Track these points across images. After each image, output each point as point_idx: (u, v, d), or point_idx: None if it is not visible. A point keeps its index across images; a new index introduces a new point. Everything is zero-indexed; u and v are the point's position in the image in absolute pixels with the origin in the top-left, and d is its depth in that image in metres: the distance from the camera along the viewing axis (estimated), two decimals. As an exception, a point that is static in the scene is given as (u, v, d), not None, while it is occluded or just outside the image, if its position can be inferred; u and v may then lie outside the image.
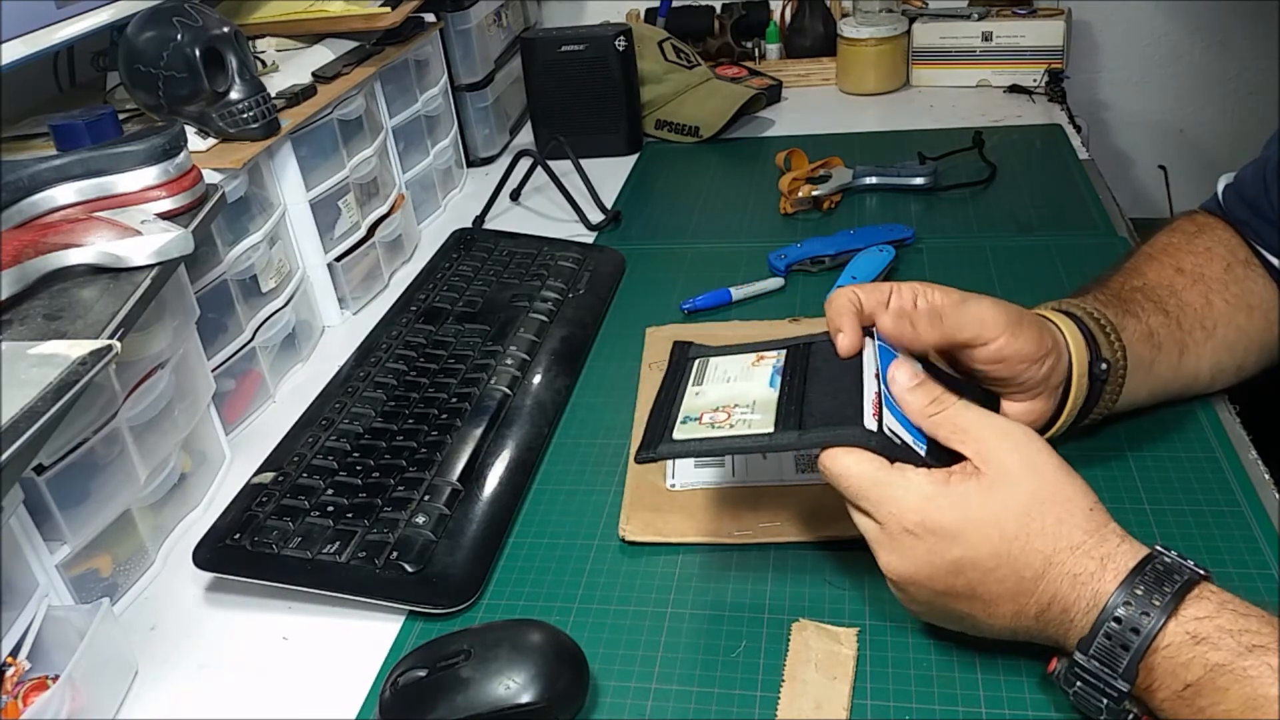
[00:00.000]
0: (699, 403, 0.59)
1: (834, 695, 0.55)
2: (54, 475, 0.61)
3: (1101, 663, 0.48)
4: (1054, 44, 1.43)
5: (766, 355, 0.62)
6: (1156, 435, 0.71)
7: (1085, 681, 0.48)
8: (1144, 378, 0.66)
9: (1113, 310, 0.65)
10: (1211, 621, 0.46)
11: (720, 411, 0.58)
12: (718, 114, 1.35)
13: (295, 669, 0.63)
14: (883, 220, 1.06)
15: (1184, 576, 0.48)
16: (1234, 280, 0.70)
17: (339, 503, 0.71)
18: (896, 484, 0.52)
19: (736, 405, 0.58)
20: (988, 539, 0.50)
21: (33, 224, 0.71)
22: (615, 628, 0.62)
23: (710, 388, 0.61)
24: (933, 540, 0.51)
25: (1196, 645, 0.46)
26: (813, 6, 1.55)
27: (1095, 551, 0.49)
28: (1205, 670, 0.45)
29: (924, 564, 0.51)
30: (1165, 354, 0.67)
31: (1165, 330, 0.67)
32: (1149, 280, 0.70)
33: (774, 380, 0.59)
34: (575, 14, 1.71)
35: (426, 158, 1.21)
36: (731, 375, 0.61)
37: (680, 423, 0.58)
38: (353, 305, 1.04)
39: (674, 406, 0.60)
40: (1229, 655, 0.45)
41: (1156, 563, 0.48)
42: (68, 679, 0.56)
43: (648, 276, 1.03)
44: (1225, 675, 0.45)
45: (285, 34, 1.09)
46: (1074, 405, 0.63)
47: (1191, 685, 0.46)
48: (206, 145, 0.88)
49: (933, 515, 0.51)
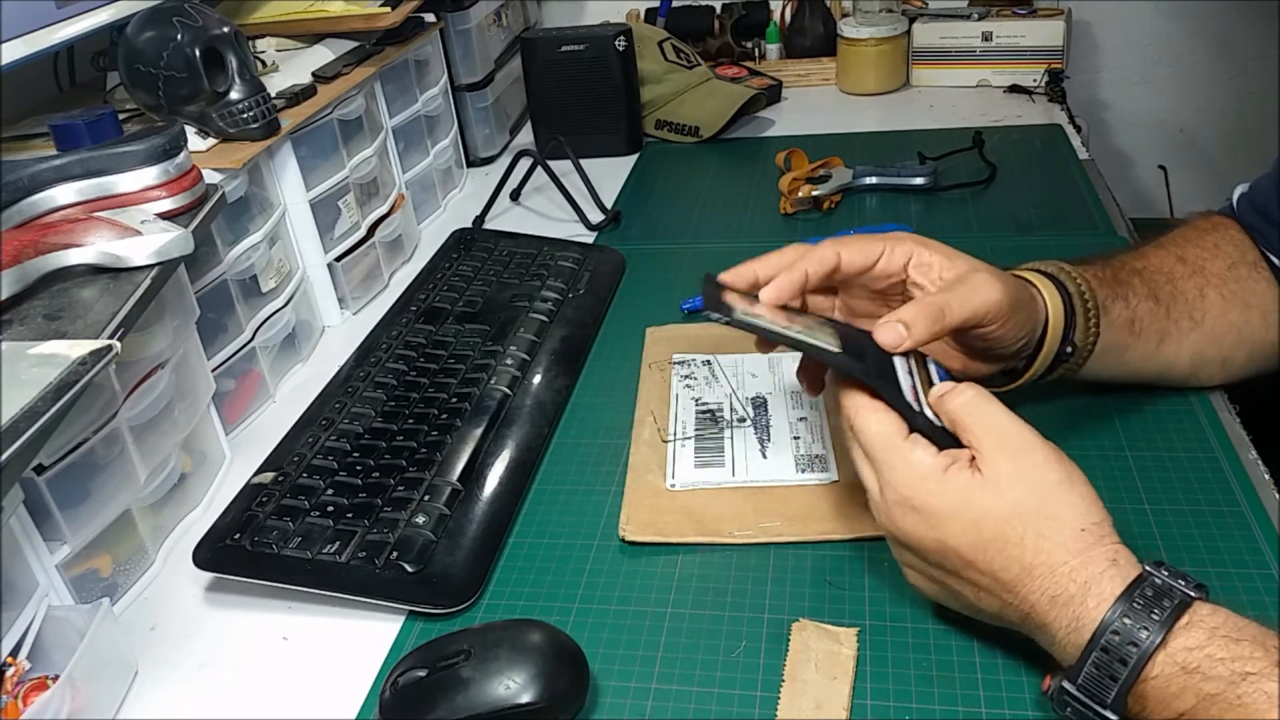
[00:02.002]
0: (756, 315, 0.58)
1: (834, 695, 0.55)
2: (54, 475, 0.61)
3: (1089, 695, 0.47)
4: (1054, 44, 1.43)
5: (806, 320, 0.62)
6: (1156, 435, 0.71)
7: (1074, 710, 0.48)
8: (1113, 360, 0.67)
9: (1105, 290, 0.66)
10: (1202, 651, 0.45)
11: (779, 315, 0.58)
12: (718, 114, 1.35)
13: (295, 669, 0.63)
14: (883, 220, 1.06)
15: (1175, 600, 0.46)
16: (1235, 278, 0.70)
17: (339, 503, 0.71)
18: (903, 455, 0.53)
19: (792, 325, 0.57)
20: (965, 535, 0.51)
21: (33, 224, 0.71)
22: (615, 628, 0.62)
23: (765, 313, 0.59)
24: (917, 518, 0.52)
25: (1188, 675, 0.45)
26: (813, 6, 1.55)
27: (1078, 575, 0.48)
28: (1198, 699, 0.45)
29: (912, 535, 0.53)
30: (1143, 341, 0.68)
31: (1150, 318, 0.67)
32: (1149, 264, 0.70)
33: (826, 323, 0.60)
34: (575, 14, 1.71)
35: (426, 158, 1.21)
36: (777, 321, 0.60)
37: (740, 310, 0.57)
38: (353, 305, 1.04)
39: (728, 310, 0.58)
40: (1222, 685, 0.44)
41: (1146, 585, 0.47)
42: (68, 679, 0.56)
43: (648, 276, 1.03)
44: (1218, 704, 0.44)
45: (285, 34, 1.09)
46: (1030, 377, 0.66)
47: (1185, 715, 0.45)
48: (206, 145, 0.88)
49: (922, 496, 0.52)
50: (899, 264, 0.61)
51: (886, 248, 0.61)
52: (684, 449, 0.75)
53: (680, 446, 0.75)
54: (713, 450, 0.74)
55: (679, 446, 0.75)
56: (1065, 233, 1.01)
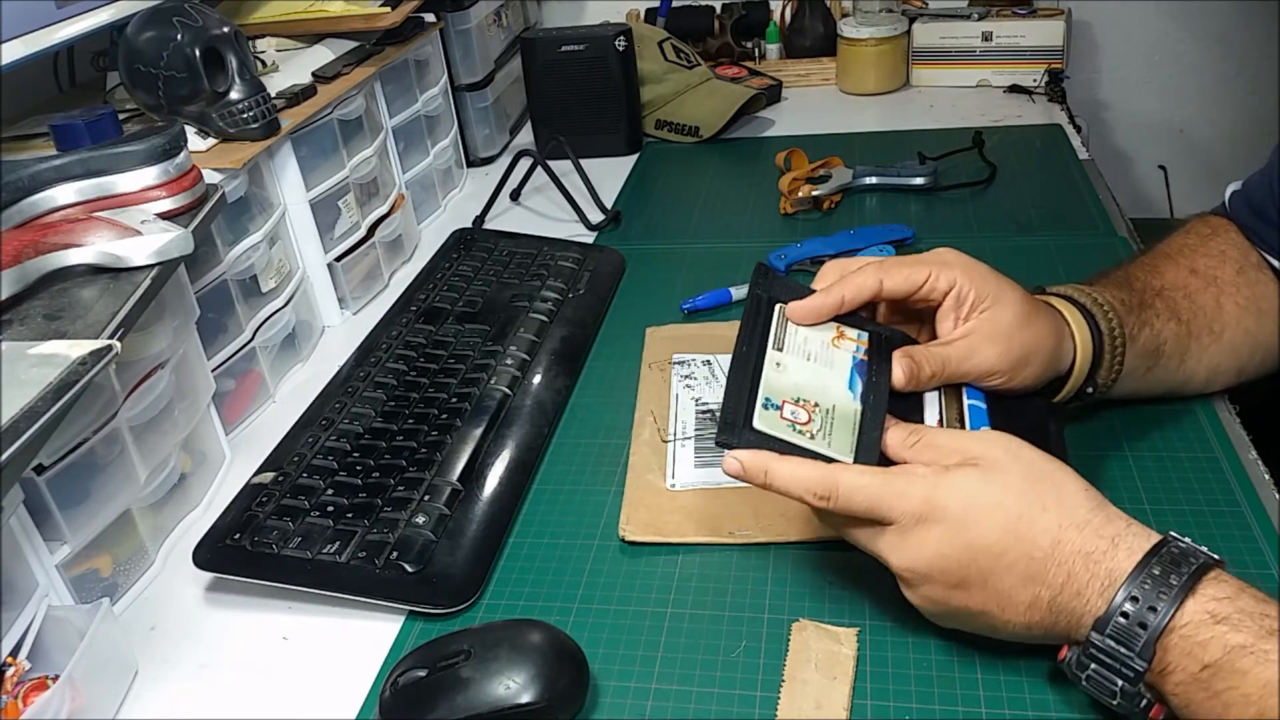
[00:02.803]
0: (780, 382, 0.58)
1: (834, 695, 0.55)
2: (54, 475, 0.61)
3: (1118, 641, 0.47)
4: (1054, 44, 1.43)
5: (847, 333, 0.61)
6: (1156, 435, 0.71)
7: (1100, 663, 0.48)
8: (1131, 384, 0.67)
9: (1132, 318, 0.65)
10: (1232, 603, 0.46)
11: (801, 408, 0.57)
12: (718, 114, 1.35)
13: (295, 669, 0.63)
14: (883, 220, 1.06)
15: (1199, 560, 0.48)
16: (1246, 284, 0.70)
17: (339, 503, 0.71)
18: (903, 479, 0.53)
19: (817, 404, 0.57)
20: (993, 519, 0.50)
21: (33, 224, 0.71)
22: (615, 628, 0.62)
23: (791, 360, 0.59)
24: (942, 528, 0.51)
25: (1216, 625, 0.46)
26: (813, 6, 1.55)
27: (1105, 530, 0.50)
28: (1225, 651, 0.45)
29: (937, 554, 0.51)
30: (1165, 362, 0.68)
31: (1174, 341, 0.67)
32: (1167, 282, 0.69)
33: (853, 382, 0.59)
34: (575, 14, 1.71)
35: (426, 158, 1.21)
36: (812, 350, 0.60)
37: (762, 406, 0.56)
38: (353, 305, 1.04)
39: (756, 373, 0.58)
40: (1251, 637, 0.45)
41: (1171, 546, 0.48)
42: (68, 679, 0.56)
43: (648, 276, 1.03)
44: (1247, 657, 0.44)
45: (285, 34, 1.09)
46: None
47: (1209, 666, 0.45)
48: (206, 145, 0.88)
49: (940, 501, 0.51)
50: (940, 293, 0.60)
51: (931, 275, 0.60)
52: (684, 449, 0.75)
53: (680, 446, 0.75)
54: (713, 450, 0.74)
55: (679, 446, 0.75)
56: (1065, 233, 1.01)
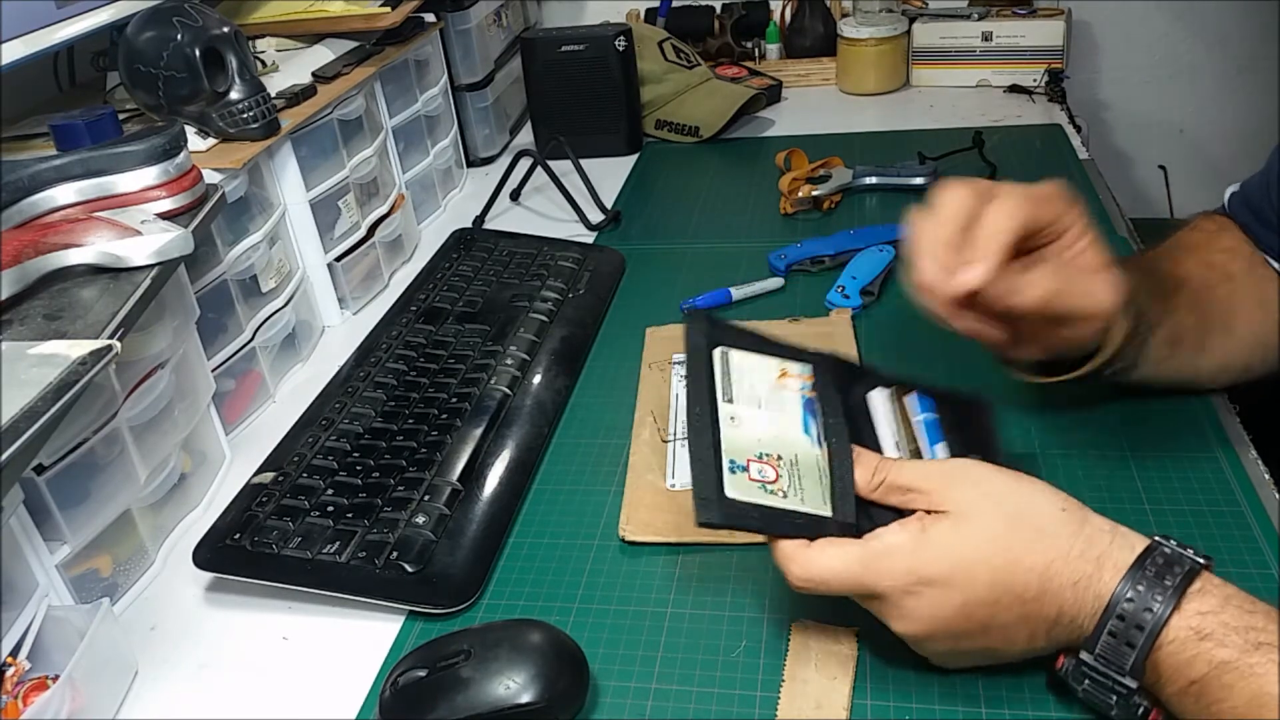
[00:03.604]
0: (740, 440, 0.57)
1: (834, 695, 0.55)
2: (54, 475, 0.61)
3: (1107, 663, 0.48)
4: (1054, 44, 1.43)
5: (790, 370, 0.61)
6: (1156, 435, 0.71)
7: (1093, 680, 0.49)
8: (1148, 369, 0.67)
9: (1157, 306, 0.65)
10: (1216, 617, 0.46)
11: (767, 464, 0.56)
12: (718, 114, 1.35)
13: (295, 669, 0.63)
14: (883, 220, 1.06)
15: (1185, 567, 0.47)
16: (1255, 280, 0.70)
17: (339, 503, 0.71)
18: (880, 556, 0.51)
19: (779, 456, 0.56)
20: (980, 575, 0.50)
21: (33, 224, 0.71)
22: (615, 628, 0.62)
23: (744, 412, 0.58)
24: (931, 593, 0.50)
25: (1201, 641, 0.46)
26: (813, 6, 1.55)
27: (1089, 553, 0.49)
28: (1210, 667, 0.45)
29: (932, 618, 0.51)
30: (1179, 352, 0.68)
31: (1192, 333, 0.67)
32: (1189, 274, 0.69)
33: (807, 425, 0.58)
34: (575, 14, 1.71)
35: (426, 158, 1.21)
36: (760, 394, 0.59)
37: (729, 471, 0.55)
38: (353, 305, 1.04)
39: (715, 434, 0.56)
40: (1235, 652, 0.45)
41: (1157, 554, 0.48)
42: (68, 679, 0.56)
43: (648, 276, 1.03)
44: (1231, 673, 0.45)
45: (285, 34, 1.09)
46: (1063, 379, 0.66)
47: (1197, 682, 0.46)
48: (206, 145, 0.88)
49: (923, 570, 0.50)
50: (1063, 230, 0.59)
51: (1066, 212, 0.59)
52: (684, 449, 0.75)
53: (680, 446, 0.75)
54: (713, 450, 0.74)
55: (679, 446, 0.75)
56: (1065, 233, 1.01)
